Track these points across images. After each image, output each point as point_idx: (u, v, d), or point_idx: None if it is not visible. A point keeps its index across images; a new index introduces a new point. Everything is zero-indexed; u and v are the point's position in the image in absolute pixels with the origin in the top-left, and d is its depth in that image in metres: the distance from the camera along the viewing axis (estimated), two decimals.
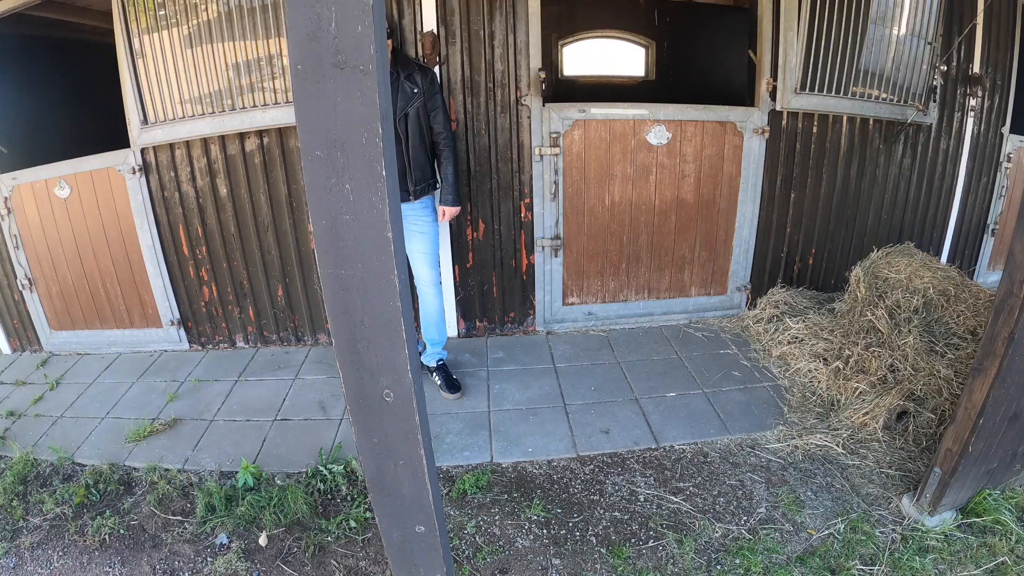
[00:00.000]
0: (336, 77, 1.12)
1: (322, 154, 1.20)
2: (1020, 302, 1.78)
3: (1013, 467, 2.29)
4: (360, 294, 1.30)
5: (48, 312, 3.30)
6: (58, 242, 3.12)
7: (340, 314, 1.32)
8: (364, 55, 1.09)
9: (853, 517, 2.19)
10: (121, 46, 2.81)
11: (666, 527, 2.14)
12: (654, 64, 5.98)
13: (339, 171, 1.20)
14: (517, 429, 2.63)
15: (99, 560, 2.04)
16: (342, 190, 1.22)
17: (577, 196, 3.09)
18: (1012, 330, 1.81)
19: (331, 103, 1.14)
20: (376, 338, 1.33)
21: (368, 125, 1.15)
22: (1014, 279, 1.80)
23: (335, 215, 1.25)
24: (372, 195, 1.21)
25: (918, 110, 3.27)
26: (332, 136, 1.17)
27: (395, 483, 1.54)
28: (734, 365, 3.10)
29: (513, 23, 2.84)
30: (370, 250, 1.26)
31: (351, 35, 1.08)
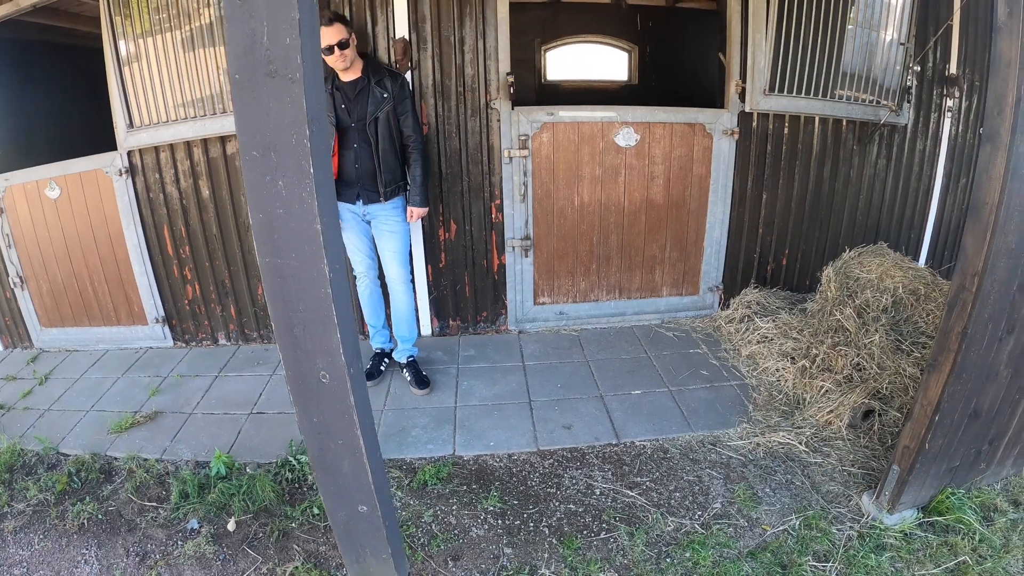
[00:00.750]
0: (268, 85, 1.23)
1: (258, 154, 1.31)
2: (972, 297, 1.78)
3: (978, 466, 2.29)
4: (295, 282, 1.39)
5: (39, 310, 3.43)
6: (48, 241, 3.25)
7: (278, 300, 1.42)
8: (292, 65, 1.20)
9: (810, 514, 2.20)
10: (108, 52, 2.94)
11: (619, 520, 2.18)
12: (637, 68, 6.03)
13: (273, 169, 1.31)
14: (481, 424, 2.68)
15: (77, 543, 2.14)
16: (276, 186, 1.32)
17: (546, 197, 3.15)
18: (965, 325, 1.82)
19: (265, 108, 1.24)
20: (311, 323, 1.42)
21: (297, 128, 1.25)
22: (966, 274, 1.81)
23: (270, 209, 1.35)
24: (302, 191, 1.31)
25: (891, 111, 3.28)
26: (266, 138, 1.27)
27: (336, 462, 1.62)
28: (703, 364, 3.13)
29: (483, 29, 2.92)
30: (302, 241, 1.36)
31: (281, 47, 1.19)
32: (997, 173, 1.66)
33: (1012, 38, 1.57)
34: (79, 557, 2.08)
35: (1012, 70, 1.58)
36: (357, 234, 2.84)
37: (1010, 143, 1.61)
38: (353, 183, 2.73)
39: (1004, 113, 1.62)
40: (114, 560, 2.06)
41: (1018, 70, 1.56)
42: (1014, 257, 1.77)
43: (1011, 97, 1.59)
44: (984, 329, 1.85)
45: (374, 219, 2.80)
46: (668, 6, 5.34)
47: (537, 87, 5.80)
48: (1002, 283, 1.80)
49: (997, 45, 1.62)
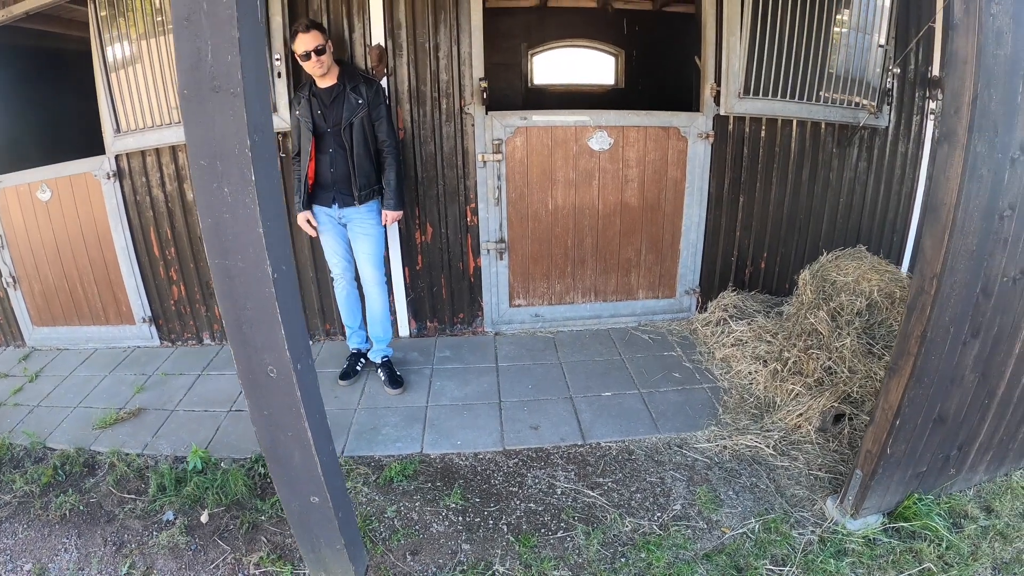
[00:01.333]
0: (213, 99, 1.31)
1: (205, 163, 1.40)
2: (931, 299, 1.78)
3: (947, 471, 2.28)
4: (242, 282, 1.47)
5: (31, 309, 3.54)
6: (40, 242, 3.36)
7: (227, 299, 1.50)
8: (234, 80, 1.28)
9: (771, 517, 2.21)
10: (96, 58, 3.03)
11: (577, 520, 2.21)
12: (624, 72, 6.04)
13: (219, 177, 1.39)
14: (450, 423, 2.73)
15: (58, 533, 2.22)
16: (222, 193, 1.41)
17: (520, 200, 3.18)
18: (924, 328, 1.82)
19: (210, 121, 1.32)
20: (258, 320, 1.50)
21: (239, 138, 1.33)
22: (924, 276, 1.81)
23: (218, 214, 1.43)
24: (245, 197, 1.40)
25: (871, 113, 3.26)
26: (212, 148, 1.35)
27: (287, 454, 1.69)
28: (676, 367, 3.14)
29: (457, 35, 2.97)
30: (247, 244, 1.44)
31: (223, 64, 1.27)
32: (955, 173, 1.65)
33: (968, 35, 1.57)
34: (59, 546, 2.16)
35: (968, 67, 1.58)
36: (333, 237, 2.91)
37: (967, 142, 1.61)
38: (329, 187, 2.79)
39: (961, 111, 1.61)
40: (92, 549, 2.14)
41: (975, 67, 1.56)
42: (975, 259, 1.77)
43: (967, 95, 1.59)
44: (945, 332, 1.85)
45: (349, 222, 2.86)
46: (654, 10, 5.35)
47: (524, 91, 5.84)
48: (963, 285, 1.79)
49: (954, 42, 1.62)
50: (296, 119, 2.76)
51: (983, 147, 1.63)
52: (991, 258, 1.80)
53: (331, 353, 3.38)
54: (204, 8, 1.28)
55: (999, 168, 1.68)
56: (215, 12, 1.27)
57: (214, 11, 1.27)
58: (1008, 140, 1.67)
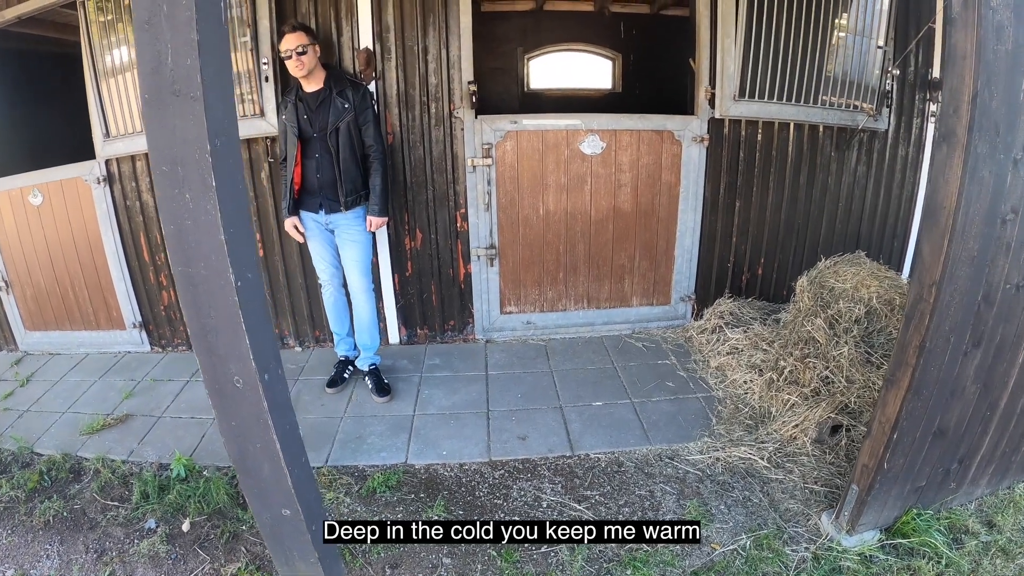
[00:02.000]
0: (174, 104, 1.29)
1: (167, 169, 1.37)
2: (930, 308, 1.71)
3: (947, 485, 2.20)
4: (205, 290, 1.44)
5: (23, 313, 3.54)
6: (32, 247, 3.36)
7: (191, 307, 1.47)
8: (194, 84, 1.25)
9: (763, 533, 2.14)
10: (87, 63, 3.03)
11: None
12: (621, 76, 5.98)
13: (180, 183, 1.36)
14: (436, 433, 2.68)
15: (42, 538, 2.21)
16: (183, 199, 1.38)
17: (511, 206, 3.14)
18: (923, 338, 1.75)
19: (171, 125, 1.30)
20: (222, 329, 1.46)
21: (199, 144, 1.30)
22: (923, 283, 1.74)
23: (179, 221, 1.40)
24: (207, 203, 1.36)
25: (869, 115, 3.19)
26: (173, 153, 1.32)
27: (256, 466, 1.64)
28: (669, 376, 3.08)
29: (446, 38, 2.93)
30: (209, 251, 1.41)
31: (183, 68, 1.25)
32: (954, 175, 1.58)
33: (967, 30, 1.50)
34: (42, 552, 2.15)
35: (968, 63, 1.51)
36: (321, 243, 2.87)
37: (967, 142, 1.54)
38: (315, 192, 2.76)
39: (960, 110, 1.55)
40: (74, 556, 2.13)
41: (974, 63, 1.49)
42: (976, 265, 1.70)
43: (967, 93, 1.52)
44: (945, 342, 1.78)
45: (336, 228, 2.83)
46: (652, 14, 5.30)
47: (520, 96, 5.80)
48: (964, 293, 1.72)
49: (952, 38, 1.55)
50: (282, 124, 2.74)
51: (984, 148, 1.56)
52: (993, 264, 1.73)
53: (320, 360, 3.34)
54: (164, 11, 1.26)
55: (1001, 170, 1.61)
56: (174, 15, 1.25)
57: (173, 13, 1.25)
58: (1011, 140, 1.59)
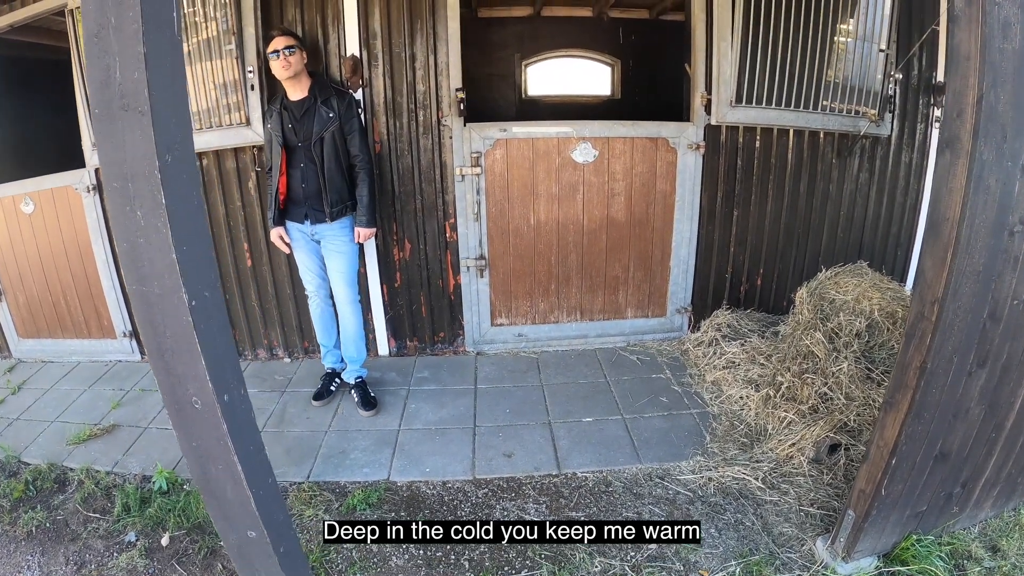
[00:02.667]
0: (123, 118, 1.25)
1: (118, 185, 1.33)
2: (932, 326, 1.61)
3: (949, 510, 2.10)
4: (160, 310, 1.40)
5: (16, 321, 3.55)
6: (24, 255, 3.36)
7: (147, 326, 1.42)
8: (141, 98, 1.22)
9: (754, 559, 2.06)
10: (76, 71, 3.02)
11: (544, 557, 2.08)
12: (619, 83, 5.89)
13: (131, 199, 1.32)
14: (421, 449, 2.62)
15: (23, 549, 2.20)
16: (135, 216, 1.34)
17: (501, 216, 3.07)
18: (924, 359, 1.65)
19: (121, 140, 1.26)
20: (178, 349, 1.42)
21: (148, 159, 1.26)
22: (925, 300, 1.64)
23: (133, 239, 1.36)
24: (157, 220, 1.33)
25: (871, 121, 3.08)
26: (124, 169, 1.29)
27: (219, 487, 1.60)
28: (663, 390, 2.99)
29: (434, 44, 2.88)
30: (162, 269, 1.37)
31: (131, 81, 1.21)
32: (958, 184, 1.48)
33: (971, 28, 1.40)
34: (23, 563, 2.14)
35: (972, 64, 1.41)
36: (307, 253, 2.83)
37: (972, 149, 1.44)
38: (300, 203, 2.72)
39: (964, 114, 1.45)
40: (54, 567, 2.11)
41: (979, 64, 1.39)
42: (982, 281, 1.59)
43: (972, 95, 1.42)
44: (948, 363, 1.68)
45: (322, 239, 2.79)
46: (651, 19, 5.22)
47: (518, 103, 5.73)
48: (968, 310, 1.62)
49: (955, 37, 1.45)
50: (268, 133, 2.70)
51: (990, 154, 1.45)
52: (1000, 280, 1.62)
53: (309, 371, 3.30)
54: (112, 23, 1.22)
55: (1008, 178, 1.50)
56: (122, 27, 1.21)
57: (121, 26, 1.21)
58: (1018, 146, 1.48)
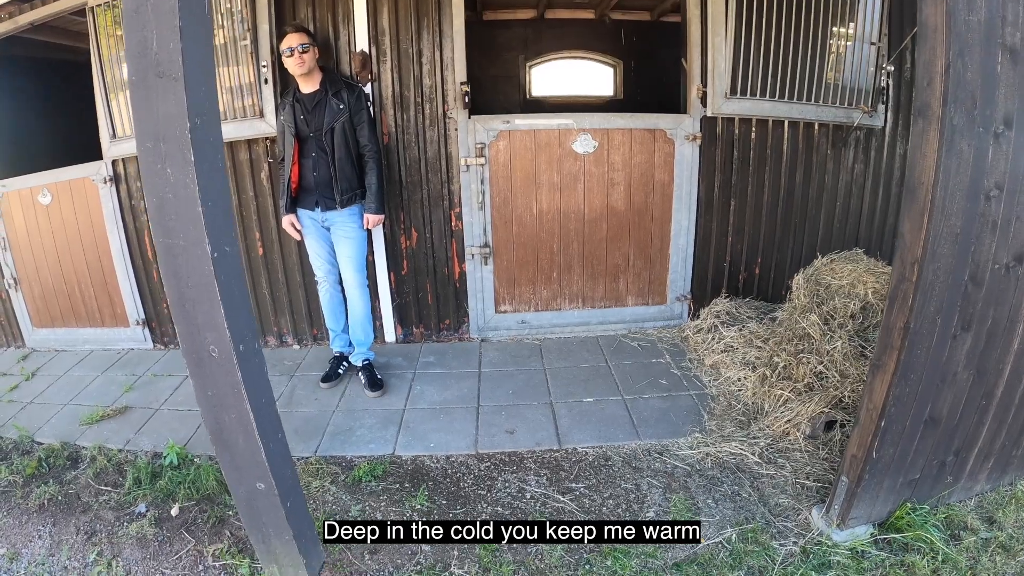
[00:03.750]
0: (158, 85, 1.37)
1: (151, 145, 1.45)
2: (913, 287, 1.67)
3: (943, 479, 2.13)
4: (184, 260, 1.50)
5: (31, 310, 3.64)
6: (40, 245, 3.47)
7: (171, 277, 1.53)
8: (175, 66, 1.35)
9: (749, 527, 2.10)
10: (95, 67, 3.15)
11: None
12: (622, 83, 6.04)
13: (163, 158, 1.44)
14: (425, 426, 2.68)
15: (35, 520, 2.28)
16: (165, 173, 1.47)
17: (504, 205, 3.17)
18: (908, 319, 1.71)
19: (155, 104, 1.38)
20: (199, 299, 1.51)
21: (179, 122, 1.38)
22: (905, 262, 1.70)
23: (162, 194, 1.49)
24: (185, 177, 1.45)
25: (864, 112, 3.17)
26: (156, 130, 1.40)
27: (231, 437, 1.68)
28: (663, 374, 3.05)
29: (440, 41, 3.00)
30: (187, 223, 1.49)
31: (167, 51, 1.34)
32: (931, 149, 1.56)
33: (936, 3, 1.50)
34: (34, 533, 2.22)
35: (939, 35, 1.50)
36: (317, 240, 2.93)
37: (942, 115, 1.52)
38: (312, 190, 2.83)
39: (934, 83, 1.53)
40: (65, 537, 2.18)
41: (945, 35, 1.48)
42: (960, 243, 1.66)
43: (939, 64, 1.51)
44: (931, 324, 1.73)
45: (332, 225, 2.88)
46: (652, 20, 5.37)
47: (522, 103, 5.87)
48: (948, 272, 1.68)
49: (923, 11, 1.54)
50: (281, 124, 2.82)
51: (961, 120, 1.54)
52: (979, 243, 1.68)
53: (317, 357, 3.38)
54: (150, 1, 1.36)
55: (981, 143, 1.58)
56: (159, 4, 1.35)
57: (159, 3, 1.35)
58: (989, 113, 1.56)
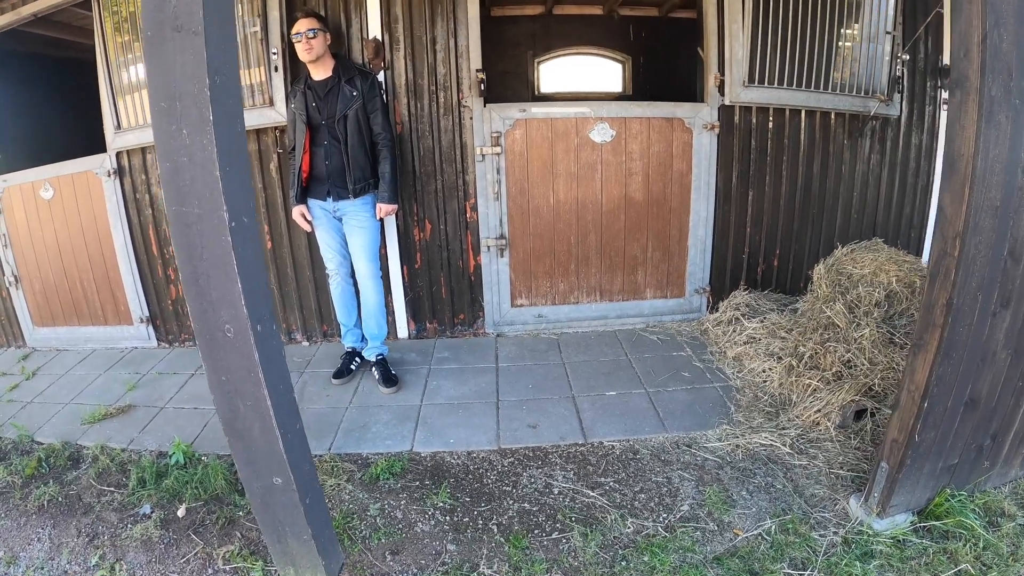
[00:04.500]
0: (175, 39, 1.28)
1: (165, 105, 1.33)
2: (955, 262, 1.63)
3: (980, 464, 2.08)
4: (198, 230, 1.38)
5: (32, 309, 3.54)
6: (42, 241, 3.37)
7: (183, 249, 1.41)
8: (195, 19, 1.25)
9: (788, 518, 2.03)
10: (99, 55, 3.06)
11: (575, 520, 2.05)
12: (631, 79, 6.02)
13: (178, 118, 1.32)
14: (443, 422, 2.60)
15: (34, 522, 2.18)
16: (180, 135, 1.34)
17: (521, 195, 3.10)
18: (950, 295, 1.66)
19: (171, 61, 1.28)
20: (214, 272, 1.40)
21: (198, 78, 1.28)
22: (946, 236, 1.66)
23: (176, 158, 1.37)
24: (203, 138, 1.33)
25: (880, 101, 3.14)
26: (172, 89, 1.30)
27: (246, 426, 1.56)
28: (685, 366, 2.98)
29: (454, 28, 2.95)
30: (204, 188, 1.36)
31: (185, 3, 1.25)
32: (970, 120, 1.54)
33: None
34: (33, 535, 2.12)
35: (975, 6, 1.47)
36: (328, 231, 2.85)
37: (980, 85, 1.49)
38: (323, 180, 2.75)
39: (971, 53, 1.51)
40: (65, 539, 2.08)
41: (981, 5, 1.45)
42: (1000, 217, 1.62)
43: (977, 35, 1.48)
44: (973, 300, 1.69)
45: (344, 215, 2.81)
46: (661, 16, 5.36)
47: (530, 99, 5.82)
48: (989, 246, 1.64)
49: None
50: (292, 112, 2.75)
51: (998, 91, 1.51)
52: (1017, 217, 1.65)
53: (327, 354, 3.29)
54: None
55: (1018, 116, 1.55)
56: None
57: None
58: None
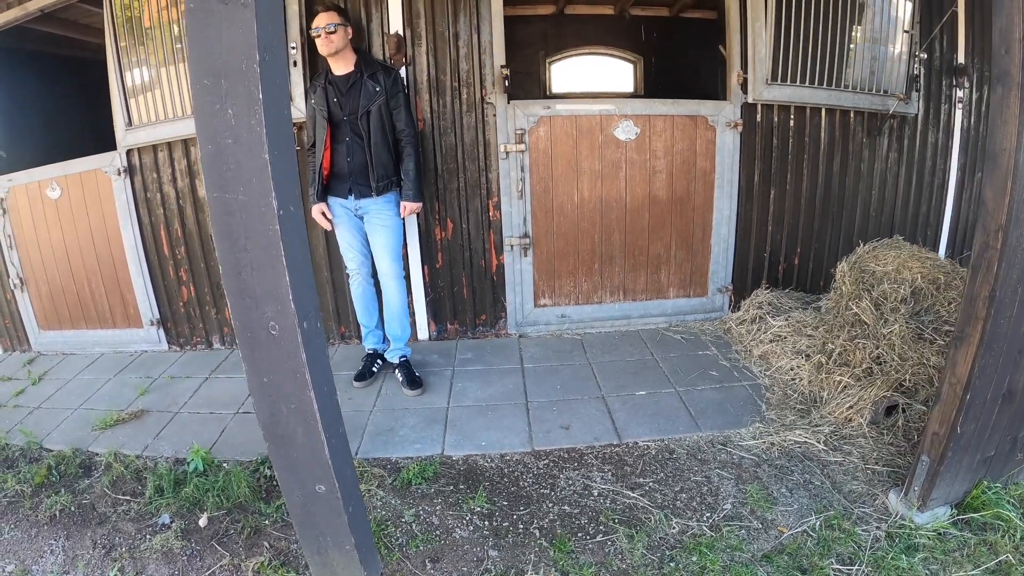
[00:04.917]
0: (221, 11, 1.19)
1: (209, 82, 1.23)
2: (998, 254, 1.63)
3: (1014, 456, 2.08)
4: (243, 218, 1.28)
5: (38, 312, 3.42)
6: (48, 242, 3.26)
7: (225, 239, 1.31)
8: None
9: (831, 514, 2.02)
10: (110, 50, 2.98)
11: (618, 522, 2.01)
12: (642, 79, 6.03)
13: (223, 97, 1.23)
14: (473, 424, 2.55)
15: (46, 534, 2.09)
16: (225, 115, 1.24)
17: (545, 193, 3.07)
18: (992, 288, 1.66)
19: (216, 35, 1.20)
20: (259, 264, 1.30)
21: (248, 53, 1.19)
22: (989, 229, 1.66)
23: (219, 139, 1.26)
24: (251, 118, 1.23)
25: (899, 100, 3.16)
26: (217, 65, 1.21)
27: (289, 431, 1.47)
28: (712, 365, 2.96)
29: (477, 23, 2.91)
30: (250, 173, 1.26)
31: None
32: (1012, 114, 1.55)
33: None
34: (46, 547, 2.03)
35: (1017, 2, 1.48)
36: (349, 229, 2.79)
37: (1022, 80, 1.50)
38: (345, 177, 2.69)
39: (1012, 49, 1.52)
40: (80, 551, 2.00)
41: (1022, 1, 1.46)
42: None
43: (1018, 31, 1.49)
44: (1014, 293, 1.69)
45: (366, 214, 2.75)
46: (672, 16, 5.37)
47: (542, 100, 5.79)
48: None
49: None
50: (311, 108, 2.68)
51: None
52: None
53: (346, 356, 3.22)
54: None
55: None
56: None
57: None
58: None
